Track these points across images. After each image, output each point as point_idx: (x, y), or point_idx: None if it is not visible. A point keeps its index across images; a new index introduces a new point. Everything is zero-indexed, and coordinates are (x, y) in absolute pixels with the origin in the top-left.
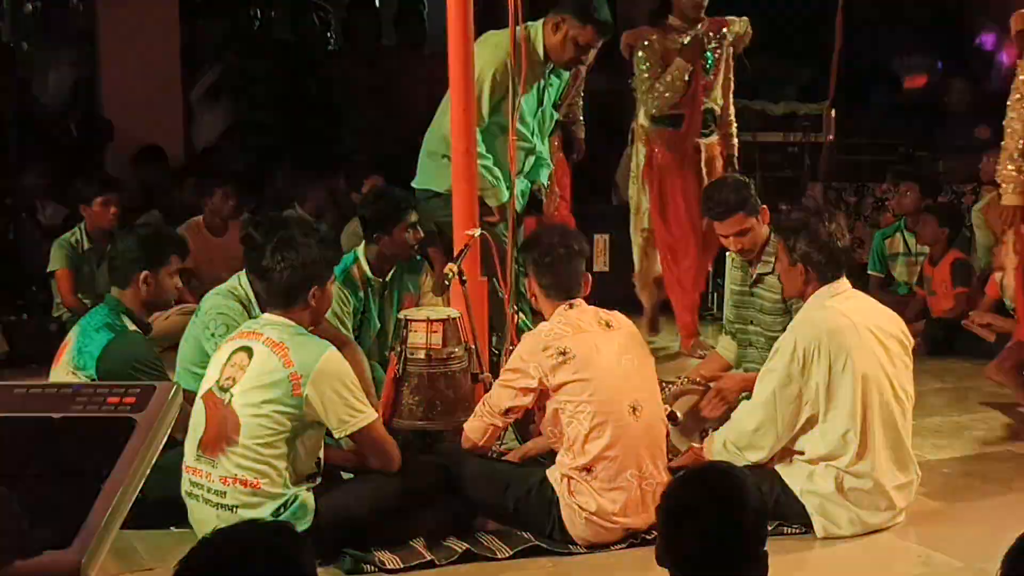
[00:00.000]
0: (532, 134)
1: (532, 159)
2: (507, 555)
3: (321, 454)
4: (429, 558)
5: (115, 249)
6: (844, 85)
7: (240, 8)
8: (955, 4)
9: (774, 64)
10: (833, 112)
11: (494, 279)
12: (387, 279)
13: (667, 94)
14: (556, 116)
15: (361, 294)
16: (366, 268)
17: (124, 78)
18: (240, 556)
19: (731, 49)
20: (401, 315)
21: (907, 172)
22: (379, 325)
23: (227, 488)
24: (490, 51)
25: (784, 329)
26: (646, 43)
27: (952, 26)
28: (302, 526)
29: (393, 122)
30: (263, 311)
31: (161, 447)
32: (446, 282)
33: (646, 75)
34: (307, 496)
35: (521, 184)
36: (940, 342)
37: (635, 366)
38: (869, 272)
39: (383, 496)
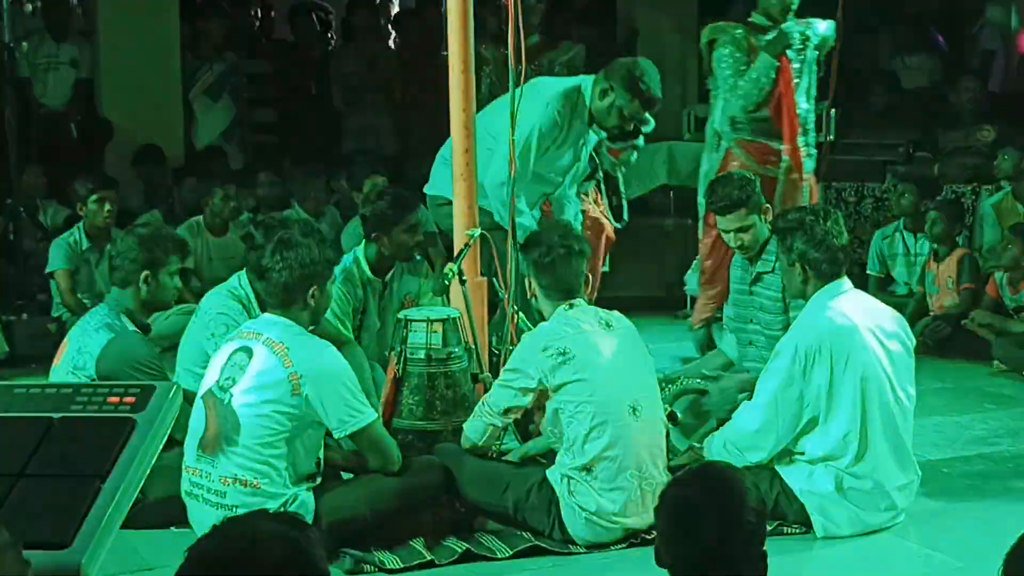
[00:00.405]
0: (561, 183)
1: (554, 200)
2: (507, 555)
3: (321, 454)
4: (429, 558)
5: (115, 249)
6: (844, 85)
7: (240, 8)
8: (956, 4)
9: None
10: (833, 112)
11: (494, 279)
12: (387, 279)
13: (752, 93)
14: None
15: (361, 294)
16: (366, 268)
17: (124, 78)
18: (251, 545)
19: (816, 52)
20: (401, 315)
21: (906, 173)
22: (379, 325)
23: (227, 488)
24: (540, 107)
25: (783, 328)
26: (731, 37)
27: (953, 26)
28: None
29: (394, 122)
30: (263, 311)
31: (161, 447)
32: (446, 282)
33: (728, 72)
34: (307, 496)
35: (528, 220)
36: (944, 339)
37: (635, 366)
38: (868, 272)
39: (383, 496)
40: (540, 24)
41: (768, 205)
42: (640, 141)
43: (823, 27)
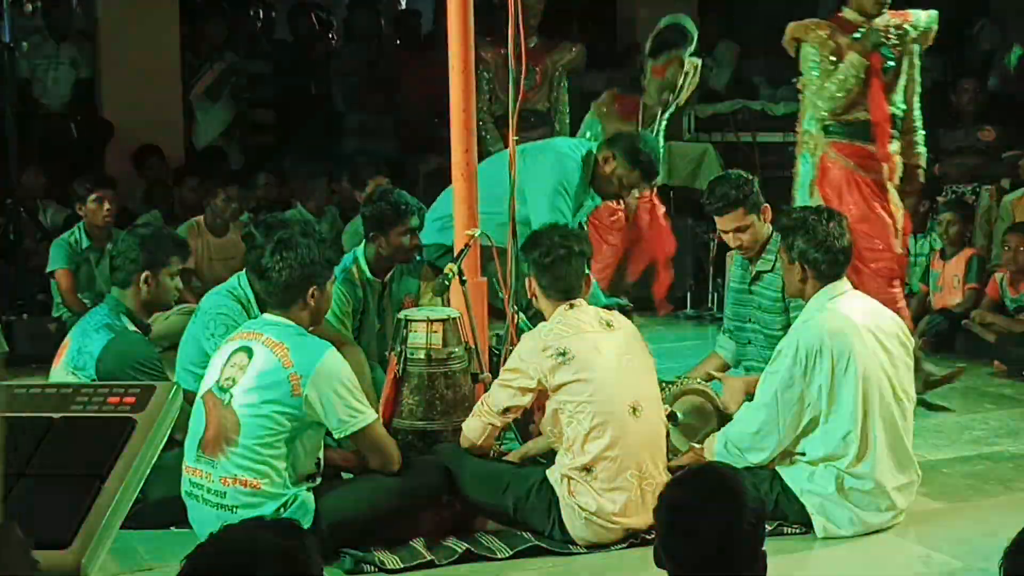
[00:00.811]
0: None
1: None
2: (507, 555)
3: (321, 454)
4: (429, 558)
5: (116, 249)
6: None
7: (240, 8)
8: (957, 4)
9: (775, 64)
10: None
11: (494, 279)
12: (386, 280)
13: (839, 94)
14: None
15: (361, 294)
16: (365, 269)
17: (124, 78)
18: (247, 555)
19: (915, 46)
20: (401, 315)
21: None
22: (378, 325)
23: (227, 488)
24: (559, 169)
25: (783, 327)
26: (816, 36)
27: (954, 26)
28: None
29: (395, 121)
30: (262, 311)
31: (161, 447)
32: (446, 282)
33: (815, 73)
34: (307, 496)
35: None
36: (943, 334)
37: (636, 366)
38: None
39: (383, 496)
40: (538, 26)
41: (767, 204)
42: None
43: (924, 17)
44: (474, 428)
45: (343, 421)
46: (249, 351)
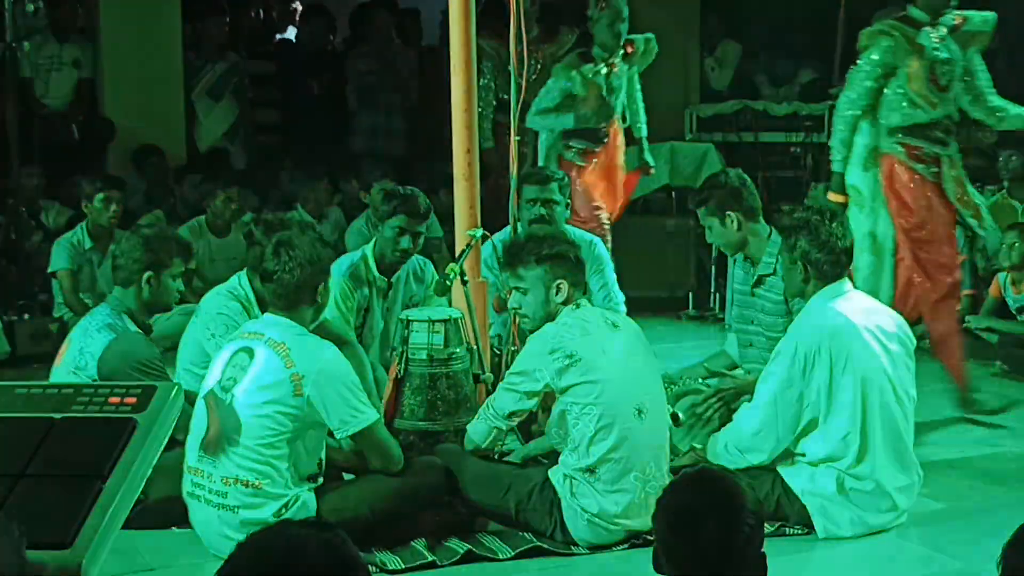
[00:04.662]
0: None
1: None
2: (509, 556)
3: (323, 454)
4: (431, 559)
5: (119, 248)
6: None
7: (242, 8)
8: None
9: (776, 64)
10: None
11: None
12: (393, 279)
13: (903, 103)
14: None
15: (365, 291)
16: (373, 267)
17: (126, 78)
18: (291, 549)
19: (970, 47)
20: (403, 315)
21: None
22: (382, 325)
23: (228, 488)
24: None
25: (785, 331)
26: (884, 38)
27: None
28: None
29: (405, 123)
30: (263, 311)
31: (163, 448)
32: (447, 283)
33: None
34: (309, 497)
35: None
36: None
37: (641, 368)
38: None
39: (385, 497)
40: (537, 18)
41: (734, 215)
42: None
43: (979, 20)
44: (479, 432)
45: (344, 421)
46: (251, 351)
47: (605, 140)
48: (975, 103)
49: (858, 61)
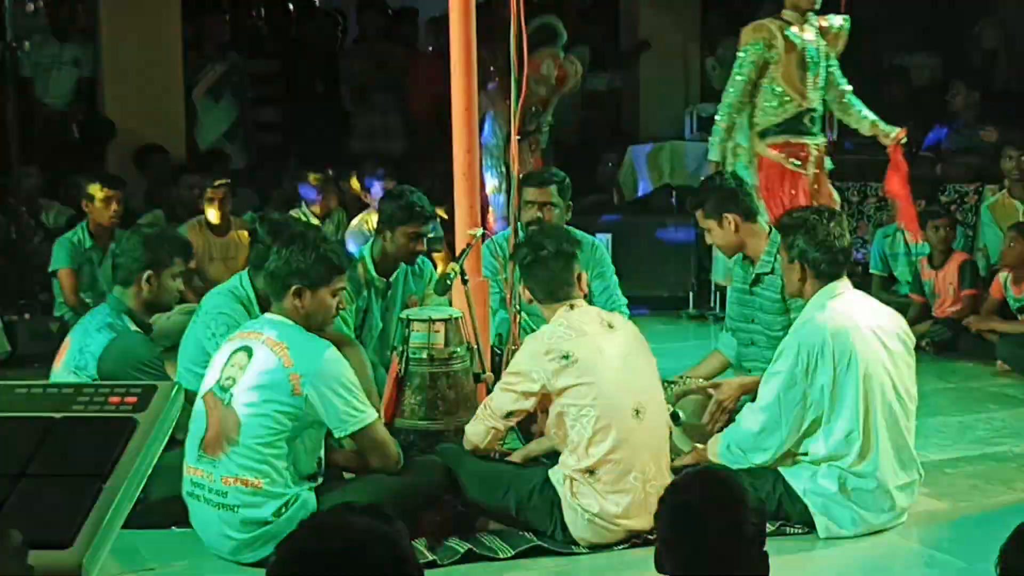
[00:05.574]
0: None
1: None
2: (509, 555)
3: (322, 454)
4: (431, 558)
5: (120, 247)
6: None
7: (242, 7)
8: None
9: None
10: None
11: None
12: (391, 280)
13: (774, 96)
14: None
15: (365, 292)
16: (371, 267)
17: (126, 78)
18: (350, 539)
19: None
20: (403, 315)
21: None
22: (381, 325)
23: (228, 488)
24: None
25: (784, 328)
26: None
27: (956, 25)
28: None
29: (403, 122)
30: (263, 311)
31: (163, 447)
32: (448, 282)
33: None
34: (309, 496)
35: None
36: (946, 341)
37: (638, 368)
38: (872, 271)
39: (384, 496)
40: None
41: (731, 216)
42: None
43: (838, 21)
44: (477, 432)
45: (343, 420)
46: (249, 351)
47: None
48: (837, 100)
49: (737, 55)
